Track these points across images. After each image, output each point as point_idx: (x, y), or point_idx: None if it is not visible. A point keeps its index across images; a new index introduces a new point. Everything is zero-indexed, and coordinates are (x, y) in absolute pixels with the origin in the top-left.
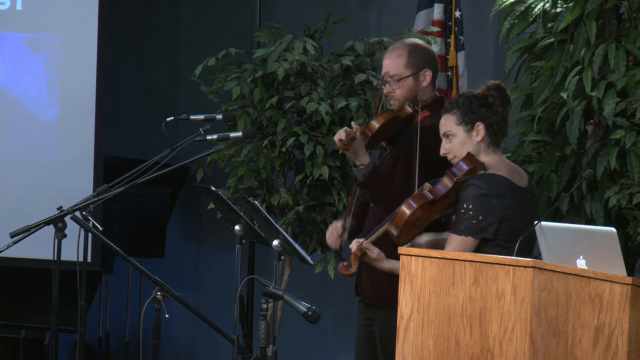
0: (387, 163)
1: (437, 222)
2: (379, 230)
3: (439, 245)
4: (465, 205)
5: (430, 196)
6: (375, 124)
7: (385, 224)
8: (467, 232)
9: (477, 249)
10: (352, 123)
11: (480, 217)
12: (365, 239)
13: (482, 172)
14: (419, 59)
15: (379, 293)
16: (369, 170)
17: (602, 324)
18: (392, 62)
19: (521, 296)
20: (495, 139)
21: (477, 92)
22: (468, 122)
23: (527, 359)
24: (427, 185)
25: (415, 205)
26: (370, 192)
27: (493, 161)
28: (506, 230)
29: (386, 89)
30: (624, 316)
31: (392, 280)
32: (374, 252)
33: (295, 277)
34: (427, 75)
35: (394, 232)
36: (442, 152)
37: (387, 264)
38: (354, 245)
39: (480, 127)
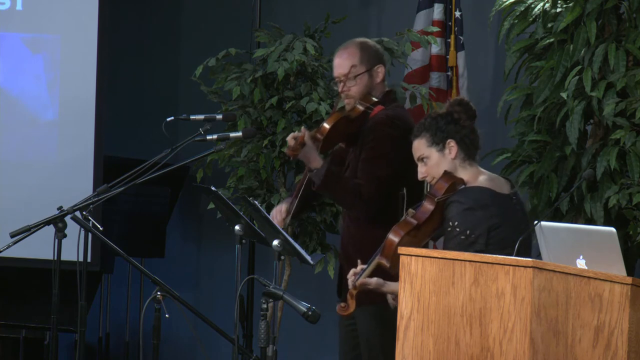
0: (352, 164)
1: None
2: (370, 266)
3: None
4: (451, 223)
5: (414, 222)
6: (326, 126)
7: (375, 257)
8: (457, 249)
9: None
10: (302, 128)
11: (468, 232)
12: (359, 277)
13: (462, 186)
14: (372, 55)
15: (362, 291)
16: (323, 174)
17: (602, 324)
18: (345, 61)
19: (521, 296)
20: (469, 152)
21: (442, 111)
22: (439, 142)
23: (527, 359)
24: (410, 211)
25: (402, 233)
26: (329, 194)
27: (471, 175)
28: (496, 238)
29: (340, 87)
30: (623, 316)
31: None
32: (372, 283)
33: (295, 277)
34: (380, 71)
35: (386, 263)
36: (420, 176)
37: (387, 287)
38: (350, 278)
39: (452, 144)
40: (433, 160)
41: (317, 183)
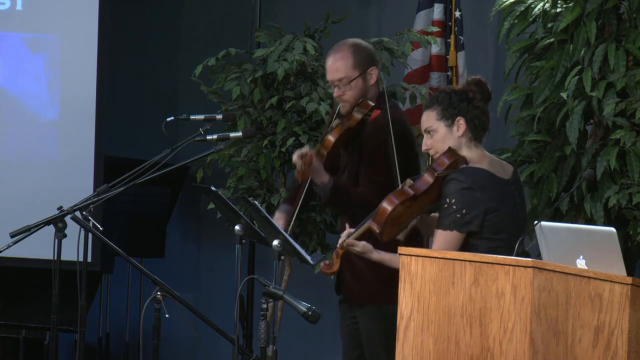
0: (350, 166)
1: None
2: (361, 228)
3: (426, 221)
4: (448, 200)
5: (412, 192)
6: (331, 139)
7: (367, 221)
8: (452, 227)
9: (464, 242)
10: (306, 148)
11: (464, 211)
12: (347, 237)
13: (464, 166)
14: (364, 58)
15: (367, 289)
16: (330, 188)
17: (602, 324)
18: (339, 66)
19: (521, 296)
20: (476, 133)
21: (458, 88)
22: (449, 117)
23: (527, 359)
24: (408, 181)
25: (396, 201)
26: (337, 208)
27: (475, 155)
28: (491, 222)
29: (336, 92)
30: (623, 316)
31: (377, 273)
32: (359, 245)
33: (295, 277)
34: (374, 73)
35: (376, 229)
36: (424, 148)
37: (376, 255)
38: (343, 237)
39: (461, 122)
40: (439, 135)
41: (324, 198)
